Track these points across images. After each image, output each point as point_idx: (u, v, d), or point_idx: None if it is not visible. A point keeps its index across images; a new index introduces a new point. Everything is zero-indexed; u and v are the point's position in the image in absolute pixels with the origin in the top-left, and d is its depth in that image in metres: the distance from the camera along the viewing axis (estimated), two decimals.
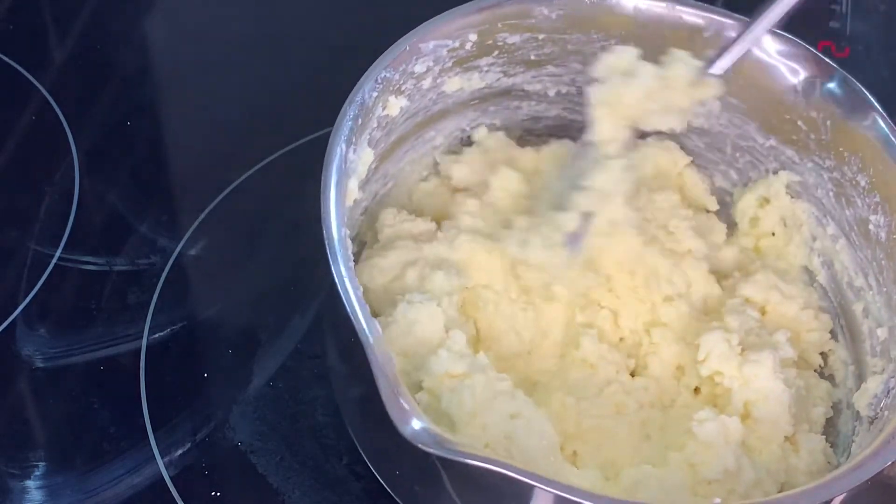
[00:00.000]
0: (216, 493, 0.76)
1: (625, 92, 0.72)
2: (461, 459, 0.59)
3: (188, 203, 0.93)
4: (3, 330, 0.85)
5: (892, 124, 0.74)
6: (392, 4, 1.09)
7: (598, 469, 0.71)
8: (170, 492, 0.77)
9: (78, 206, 0.92)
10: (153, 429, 0.79)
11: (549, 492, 0.59)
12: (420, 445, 0.59)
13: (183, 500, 0.76)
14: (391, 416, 0.60)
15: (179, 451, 0.79)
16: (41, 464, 0.78)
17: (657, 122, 0.74)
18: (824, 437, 0.74)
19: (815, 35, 1.05)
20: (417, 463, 0.67)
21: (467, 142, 0.87)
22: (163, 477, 0.77)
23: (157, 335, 0.85)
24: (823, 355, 0.79)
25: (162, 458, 0.78)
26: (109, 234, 0.91)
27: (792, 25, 1.03)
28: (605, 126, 0.73)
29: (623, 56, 0.73)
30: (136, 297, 0.87)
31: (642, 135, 0.81)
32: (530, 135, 0.88)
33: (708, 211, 0.86)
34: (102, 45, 1.07)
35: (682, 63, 0.73)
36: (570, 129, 0.86)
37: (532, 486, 0.59)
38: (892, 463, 0.64)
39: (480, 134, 0.86)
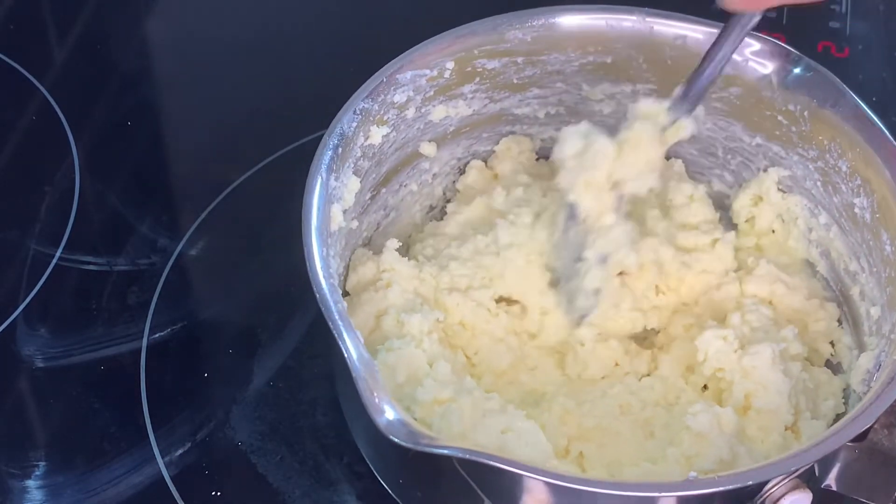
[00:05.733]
0: (216, 493, 0.76)
1: (591, 171, 0.73)
2: (433, 451, 0.60)
3: (188, 203, 0.93)
4: (3, 330, 0.85)
5: (862, 104, 0.75)
6: (393, 5, 1.10)
7: (603, 469, 0.72)
8: (170, 491, 0.77)
9: (78, 206, 0.92)
10: (153, 429, 0.79)
11: (522, 474, 0.61)
12: (393, 438, 0.60)
13: (183, 500, 0.76)
14: (366, 406, 0.61)
15: (179, 451, 0.79)
16: (41, 464, 0.78)
17: (633, 187, 0.74)
18: (825, 423, 0.75)
19: (815, 35, 1.05)
20: (418, 468, 0.68)
21: (463, 170, 0.87)
22: (163, 476, 0.77)
23: (157, 335, 0.85)
24: (832, 344, 0.80)
25: (162, 457, 0.78)
26: (109, 234, 0.91)
27: (791, 26, 1.03)
28: (589, 203, 0.74)
29: (576, 139, 0.74)
30: (136, 297, 0.87)
31: None
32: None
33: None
34: (102, 45, 1.07)
35: (644, 119, 0.73)
36: None
37: (514, 473, 0.61)
38: (877, 430, 0.67)
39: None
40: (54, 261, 0.89)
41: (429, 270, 0.79)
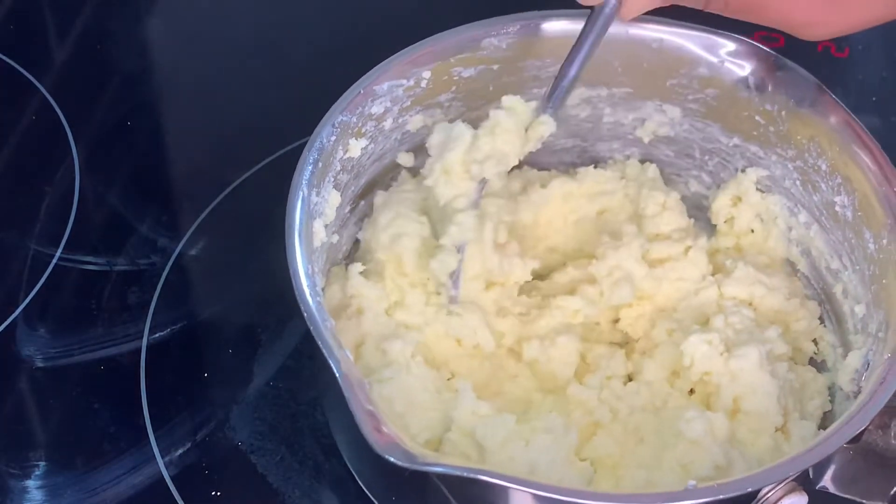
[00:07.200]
0: (216, 493, 0.77)
1: (447, 154, 0.74)
2: (430, 470, 0.59)
3: (188, 203, 0.93)
4: (3, 330, 0.85)
5: (840, 103, 0.75)
6: (392, 6, 1.10)
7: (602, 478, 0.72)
8: (170, 491, 0.77)
9: (78, 206, 0.92)
10: (153, 429, 0.79)
11: (523, 490, 0.61)
12: (389, 458, 0.59)
13: (183, 500, 0.76)
14: (360, 426, 0.60)
15: (179, 451, 0.79)
16: (41, 464, 0.78)
17: (485, 171, 0.74)
18: (814, 423, 0.75)
19: None
20: (409, 488, 0.68)
21: None
22: (163, 477, 0.77)
23: (157, 335, 0.85)
24: (815, 342, 0.80)
25: (162, 457, 0.78)
26: (109, 234, 0.91)
27: None
28: (444, 189, 0.74)
29: (442, 130, 0.76)
30: (136, 297, 0.87)
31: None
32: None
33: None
34: (102, 45, 1.07)
35: (505, 110, 0.74)
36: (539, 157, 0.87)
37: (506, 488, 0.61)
38: (871, 431, 0.66)
39: None
40: (54, 261, 0.89)
41: (392, 284, 0.78)
